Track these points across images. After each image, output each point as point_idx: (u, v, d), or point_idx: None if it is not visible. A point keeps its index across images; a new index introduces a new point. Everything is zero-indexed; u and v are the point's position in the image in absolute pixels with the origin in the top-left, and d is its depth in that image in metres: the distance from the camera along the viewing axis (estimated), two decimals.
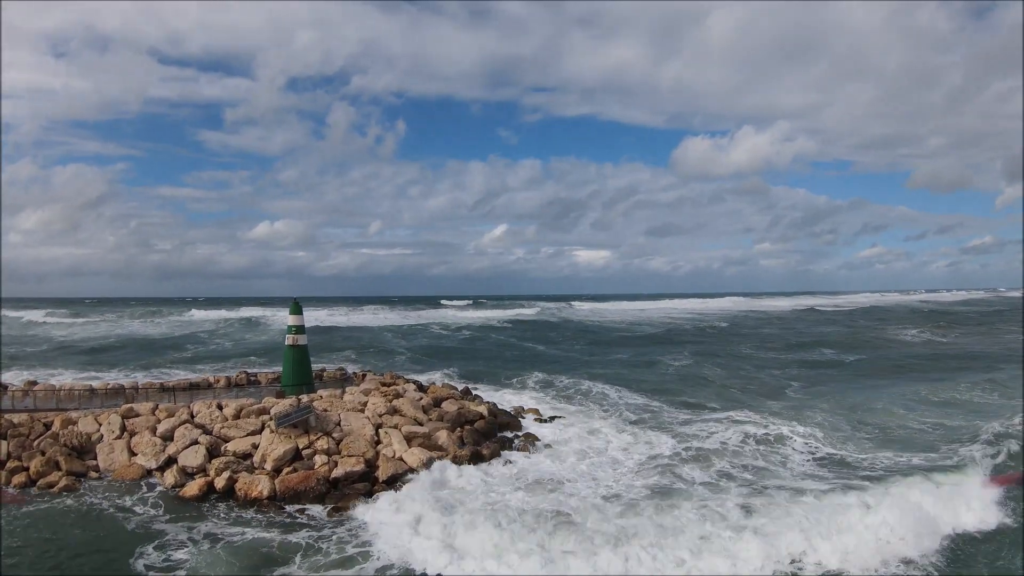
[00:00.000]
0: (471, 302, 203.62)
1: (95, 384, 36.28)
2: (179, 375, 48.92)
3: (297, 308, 31.23)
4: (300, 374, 30.60)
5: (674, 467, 24.51)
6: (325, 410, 26.72)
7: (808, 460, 25.64)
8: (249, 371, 38.84)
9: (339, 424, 25.73)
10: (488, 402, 33.49)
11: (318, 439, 24.70)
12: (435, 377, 47.02)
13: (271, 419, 25.77)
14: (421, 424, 27.01)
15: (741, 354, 63.32)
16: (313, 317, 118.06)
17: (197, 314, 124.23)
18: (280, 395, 28.46)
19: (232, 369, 50.56)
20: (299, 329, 30.80)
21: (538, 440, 27.88)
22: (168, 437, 26.51)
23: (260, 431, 25.92)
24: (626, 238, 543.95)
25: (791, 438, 28.42)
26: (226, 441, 25.80)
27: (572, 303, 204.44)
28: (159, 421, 27.57)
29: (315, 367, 46.63)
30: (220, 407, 28.00)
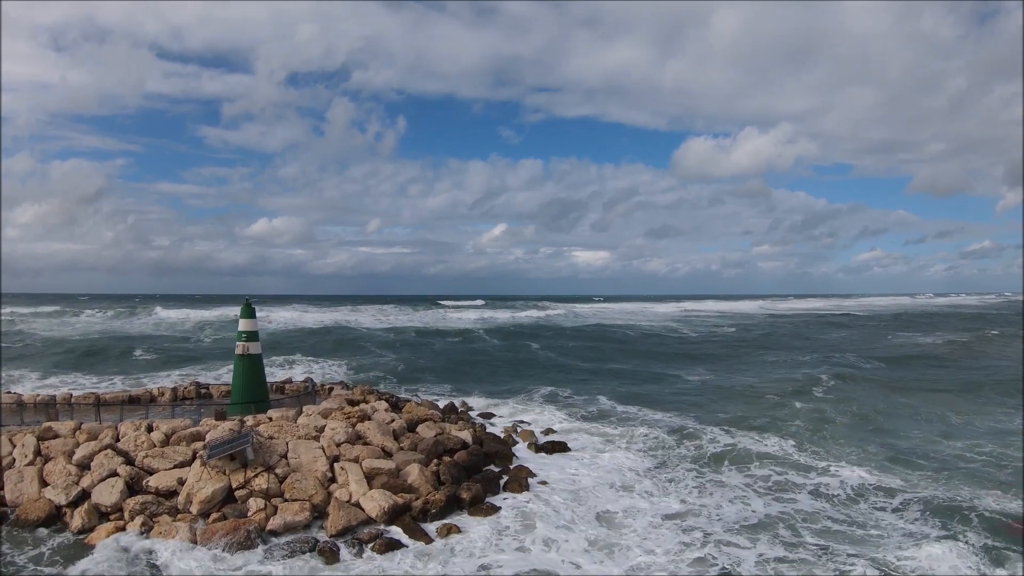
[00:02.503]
0: (484, 302, 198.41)
1: (25, 395, 31.54)
2: (153, 379, 44.30)
3: (249, 311, 26.30)
4: (252, 389, 25.68)
5: (722, 542, 17.59)
6: (271, 437, 21.81)
7: None
8: (201, 381, 33.97)
9: (285, 456, 20.84)
10: (475, 424, 28.51)
11: (256, 476, 19.83)
12: (420, 388, 42.21)
13: (204, 448, 21.00)
14: (389, 455, 22.10)
15: (791, 365, 56.06)
16: (307, 317, 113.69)
17: (188, 313, 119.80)
18: (221, 416, 23.59)
19: (206, 373, 46.01)
20: (251, 336, 25.90)
21: (533, 476, 22.83)
22: (85, 465, 21.80)
23: (190, 462, 21.11)
24: (624, 239, 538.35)
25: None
26: (150, 474, 21.01)
27: (576, 305, 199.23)
28: (78, 445, 22.85)
29: (286, 375, 42.10)
30: (150, 429, 23.22)
